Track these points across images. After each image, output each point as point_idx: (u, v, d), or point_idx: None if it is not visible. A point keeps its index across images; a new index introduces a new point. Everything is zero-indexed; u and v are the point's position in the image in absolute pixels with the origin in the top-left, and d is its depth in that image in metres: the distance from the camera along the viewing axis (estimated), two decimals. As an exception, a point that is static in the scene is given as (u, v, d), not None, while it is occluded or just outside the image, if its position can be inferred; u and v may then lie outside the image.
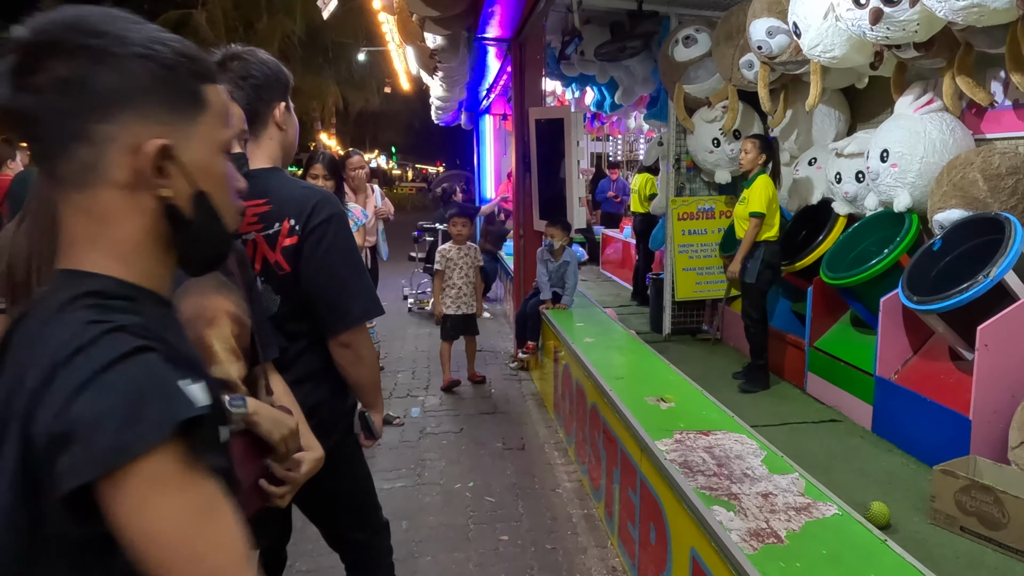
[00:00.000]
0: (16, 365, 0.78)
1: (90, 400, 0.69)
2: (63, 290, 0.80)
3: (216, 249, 0.92)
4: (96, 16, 0.79)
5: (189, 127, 0.84)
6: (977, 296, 3.32)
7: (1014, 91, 3.74)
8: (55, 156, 0.80)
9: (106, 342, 0.73)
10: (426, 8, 4.71)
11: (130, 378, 0.71)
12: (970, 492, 2.93)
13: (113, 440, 0.68)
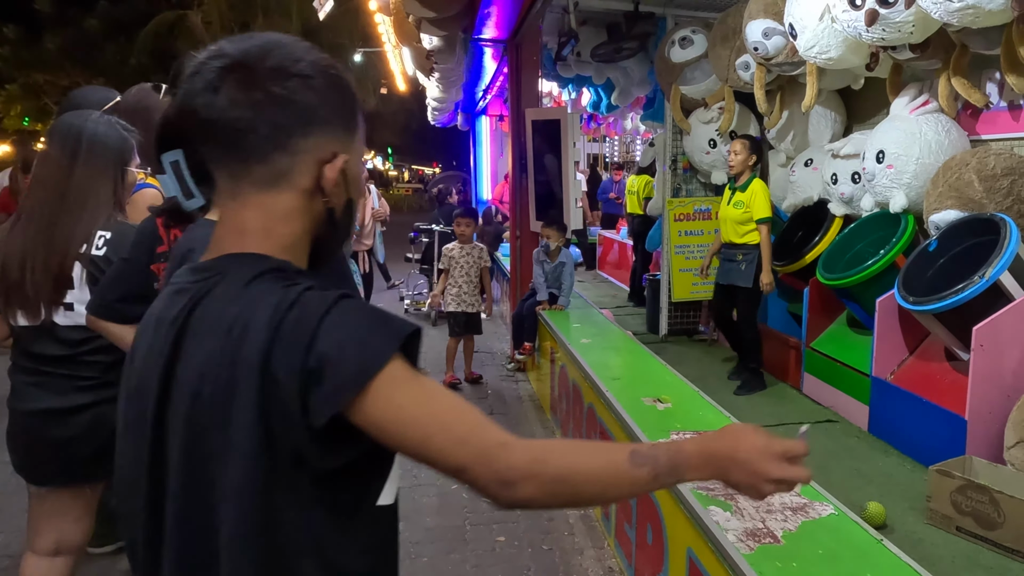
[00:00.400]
0: (213, 336, 0.86)
1: (327, 337, 0.82)
2: (245, 268, 0.90)
3: (341, 247, 1.06)
4: (294, 44, 0.93)
5: (352, 144, 0.97)
6: (973, 297, 3.32)
7: (1009, 92, 3.75)
8: (254, 162, 0.91)
9: (310, 296, 0.85)
10: (422, 9, 4.71)
11: (351, 314, 0.85)
12: (966, 492, 2.94)
13: (358, 363, 0.82)
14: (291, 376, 0.81)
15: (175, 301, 0.93)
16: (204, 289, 0.90)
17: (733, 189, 5.02)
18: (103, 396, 1.99)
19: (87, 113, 2.09)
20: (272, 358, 0.81)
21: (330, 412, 0.80)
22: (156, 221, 1.73)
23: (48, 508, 2.11)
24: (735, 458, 0.93)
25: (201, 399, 0.85)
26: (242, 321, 0.84)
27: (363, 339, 0.83)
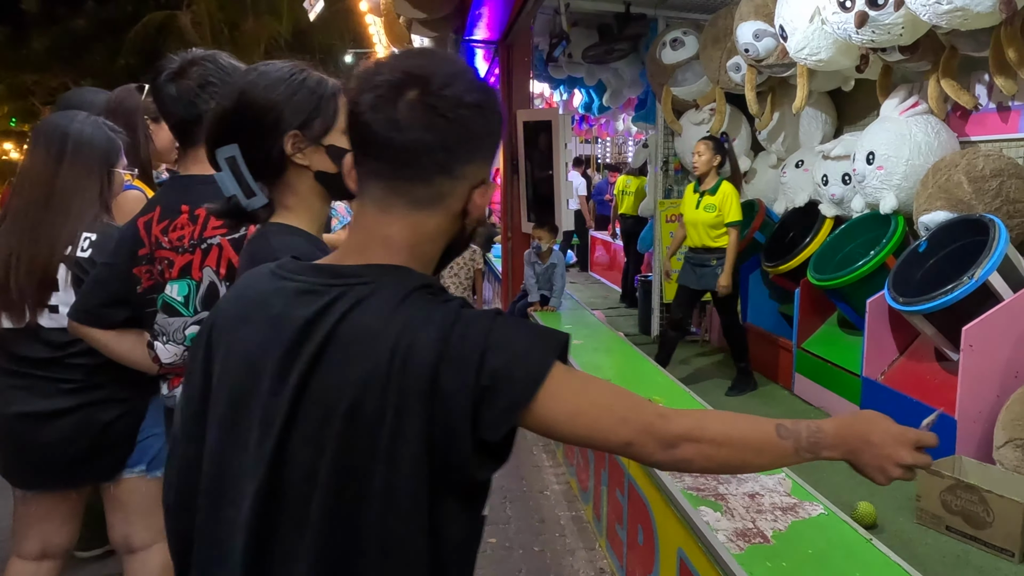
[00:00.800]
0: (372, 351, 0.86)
1: (496, 354, 0.85)
2: (398, 283, 0.91)
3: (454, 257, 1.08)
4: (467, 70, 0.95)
5: (487, 168, 0.98)
6: (962, 297, 3.34)
7: (998, 94, 3.78)
8: (419, 182, 0.92)
9: (470, 314, 0.89)
10: (413, 10, 4.71)
11: (511, 330, 0.89)
12: (955, 491, 2.95)
13: (528, 376, 0.86)
14: (463, 393, 0.84)
15: (303, 301, 0.91)
16: (353, 298, 0.89)
17: (700, 192, 4.92)
18: (89, 399, 1.98)
19: (73, 113, 2.07)
20: (440, 376, 0.84)
21: (508, 426, 0.85)
22: (137, 223, 1.70)
23: (33, 512, 2.09)
24: (869, 441, 1.00)
25: (361, 413, 0.85)
26: (407, 338, 0.85)
27: (528, 352, 0.88)
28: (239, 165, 1.29)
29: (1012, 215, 3.61)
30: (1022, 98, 3.73)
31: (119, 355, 1.79)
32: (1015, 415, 3.11)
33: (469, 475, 0.88)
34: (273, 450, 0.88)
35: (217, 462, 0.94)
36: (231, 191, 1.30)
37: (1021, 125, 3.78)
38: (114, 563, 2.36)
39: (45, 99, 20.19)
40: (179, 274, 1.64)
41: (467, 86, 0.92)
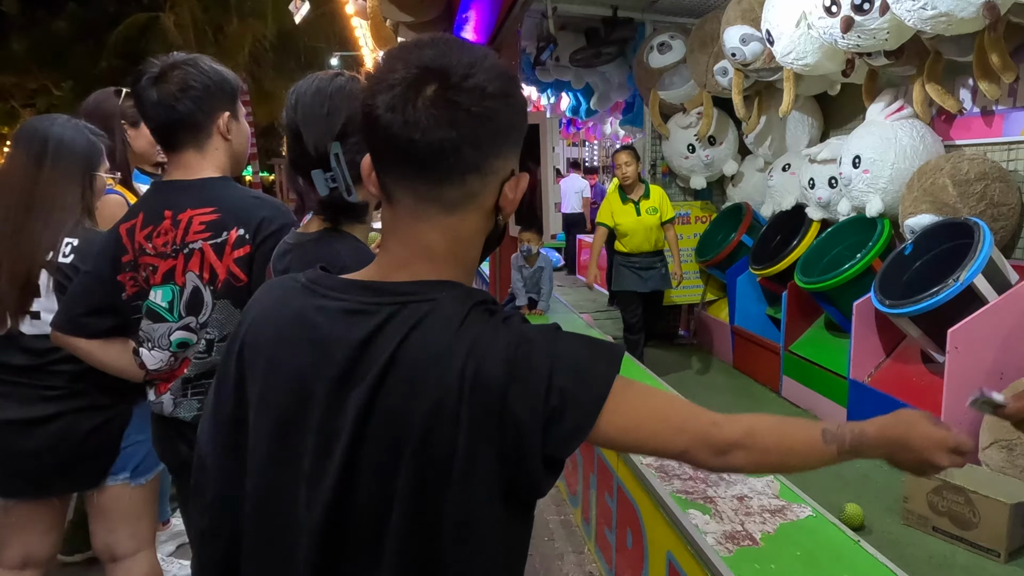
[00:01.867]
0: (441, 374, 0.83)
1: (561, 374, 0.84)
2: (456, 302, 0.87)
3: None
4: (488, 56, 0.87)
5: (515, 159, 0.93)
6: (947, 300, 3.36)
7: (982, 98, 3.81)
8: (448, 184, 0.87)
9: (530, 331, 0.87)
10: (400, 14, 4.69)
11: (572, 345, 0.88)
12: (942, 493, 2.97)
13: (593, 392, 0.86)
14: (534, 415, 0.83)
15: (353, 321, 0.87)
16: (412, 318, 0.86)
17: (634, 201, 5.22)
18: (70, 406, 1.95)
19: (53, 117, 2.05)
20: (509, 399, 0.82)
21: (578, 443, 0.86)
22: (120, 230, 1.68)
23: (15, 521, 2.05)
24: (908, 446, 1.05)
25: (434, 440, 0.82)
26: (474, 362, 0.83)
27: (591, 368, 0.87)
28: (342, 162, 1.30)
29: (996, 218, 3.64)
30: (1006, 102, 3.77)
31: (104, 364, 1.77)
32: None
33: (537, 491, 0.88)
34: (337, 480, 0.85)
35: (264, 495, 0.91)
36: (325, 188, 1.32)
37: (1005, 129, 3.81)
38: (97, 571, 2.32)
39: (25, 101, 19.97)
40: (163, 279, 1.62)
41: (489, 74, 0.85)
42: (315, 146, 1.35)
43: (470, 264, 0.94)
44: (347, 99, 1.37)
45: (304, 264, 1.39)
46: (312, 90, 1.38)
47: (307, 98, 1.37)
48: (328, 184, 1.31)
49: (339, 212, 1.38)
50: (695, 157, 6.03)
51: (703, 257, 6.11)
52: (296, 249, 1.44)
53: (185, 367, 1.66)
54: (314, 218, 1.45)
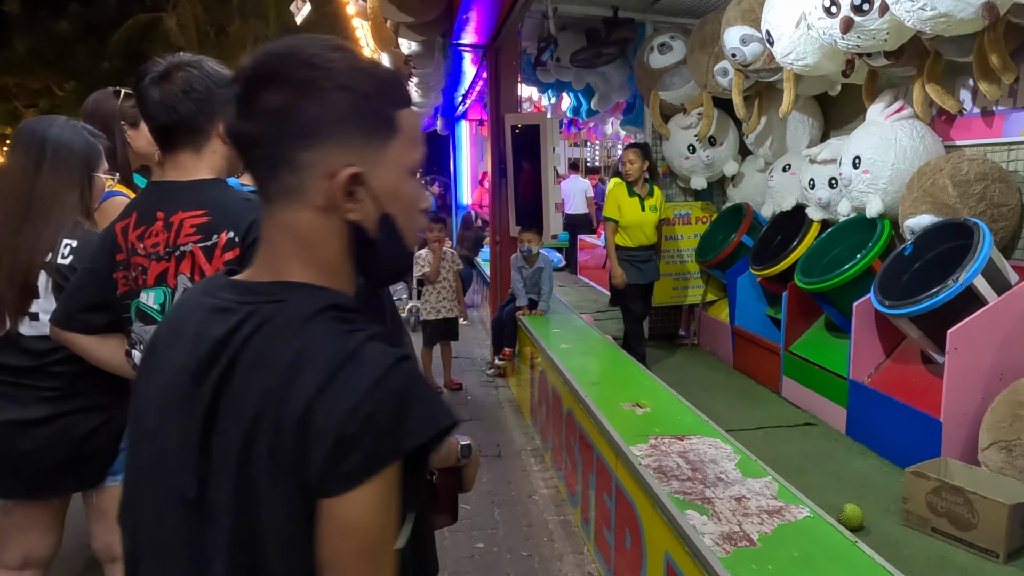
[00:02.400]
0: (270, 373, 0.82)
1: (377, 403, 0.78)
2: (305, 303, 0.86)
3: (397, 266, 0.97)
4: (306, 48, 0.86)
5: (381, 153, 0.89)
6: (947, 300, 3.36)
7: (982, 99, 3.81)
8: (267, 178, 0.88)
9: (373, 349, 0.82)
10: (400, 14, 4.70)
11: (405, 382, 0.82)
12: (941, 493, 2.97)
13: (390, 446, 0.79)
14: (327, 433, 0.78)
15: (218, 319, 0.88)
16: (261, 317, 0.86)
17: (640, 196, 5.39)
18: (69, 407, 1.96)
19: (52, 118, 2.06)
20: (315, 408, 0.79)
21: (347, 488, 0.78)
22: (115, 228, 1.69)
23: (14, 521, 2.06)
24: None
25: (255, 444, 0.81)
26: (295, 370, 0.81)
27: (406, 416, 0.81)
28: None
29: (996, 219, 3.63)
30: (1006, 103, 3.76)
31: (100, 360, 1.78)
32: (999, 417, 3.13)
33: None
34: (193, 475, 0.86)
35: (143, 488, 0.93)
36: None
37: (1005, 129, 3.81)
38: (97, 571, 2.33)
39: (28, 102, 19.99)
40: (155, 282, 1.63)
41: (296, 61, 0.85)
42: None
43: (332, 268, 0.91)
44: None
45: None
46: None
47: None
48: None
49: None
50: (695, 157, 6.03)
51: (704, 257, 6.11)
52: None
53: None
54: None
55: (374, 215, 0.89)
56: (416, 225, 0.97)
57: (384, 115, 0.89)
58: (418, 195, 0.96)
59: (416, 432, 0.81)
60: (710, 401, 4.78)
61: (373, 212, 0.89)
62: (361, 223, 0.89)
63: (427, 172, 30.76)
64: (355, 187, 0.87)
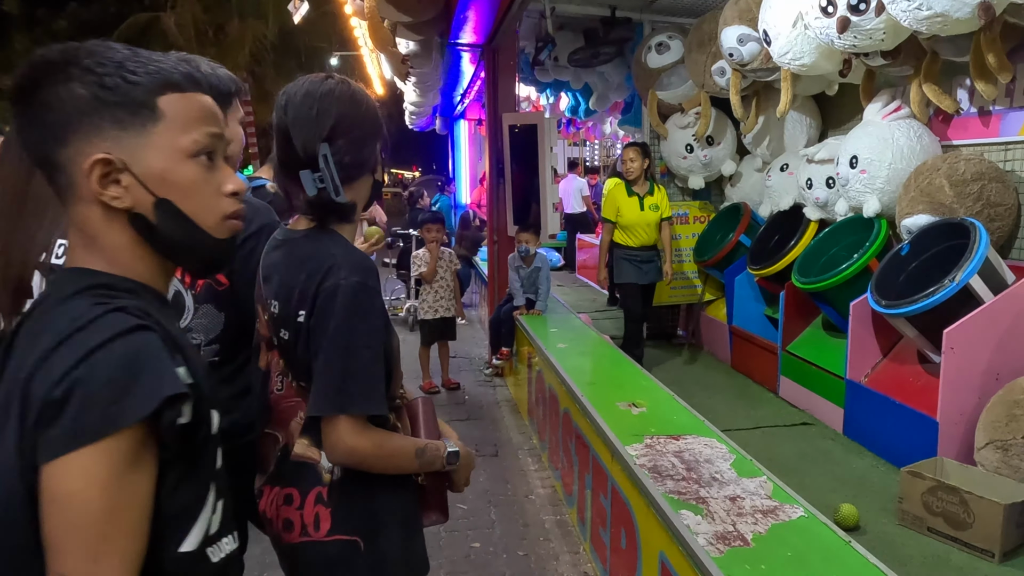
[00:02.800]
0: (20, 354, 0.84)
1: (88, 370, 0.77)
2: (68, 284, 0.88)
3: (200, 252, 0.97)
4: (54, 52, 0.87)
5: (142, 139, 0.89)
6: (943, 300, 3.36)
7: (979, 99, 3.81)
8: (50, 183, 0.90)
9: (109, 319, 0.81)
10: (397, 14, 4.69)
11: (128, 352, 0.80)
12: (937, 493, 2.97)
13: (100, 417, 0.76)
14: (37, 398, 0.78)
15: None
16: (38, 301, 0.90)
17: (639, 195, 5.37)
18: None
19: None
20: (34, 375, 0.79)
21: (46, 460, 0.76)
22: None
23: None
24: None
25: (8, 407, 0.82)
26: (41, 334, 0.83)
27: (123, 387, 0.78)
28: (330, 163, 1.34)
29: (993, 218, 3.64)
30: (1003, 102, 3.77)
31: None
32: (995, 417, 3.13)
33: None
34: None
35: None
36: (324, 184, 1.35)
37: (1002, 129, 3.81)
38: None
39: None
40: None
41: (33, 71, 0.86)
42: (303, 147, 1.36)
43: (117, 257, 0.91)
44: (336, 102, 1.38)
45: (294, 259, 1.41)
46: (302, 92, 1.39)
47: (296, 100, 1.38)
48: (316, 184, 1.34)
49: (328, 212, 1.40)
50: (693, 157, 6.03)
51: (701, 257, 6.11)
52: (285, 245, 1.45)
53: None
54: (300, 218, 1.45)
55: (149, 201, 0.90)
56: (216, 209, 0.96)
57: (137, 102, 0.88)
58: (205, 177, 0.95)
59: (134, 406, 0.78)
60: (707, 401, 4.78)
61: (146, 198, 0.90)
62: (135, 210, 0.90)
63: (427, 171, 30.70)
64: (110, 173, 0.87)
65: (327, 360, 1.32)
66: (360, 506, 1.40)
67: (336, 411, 1.31)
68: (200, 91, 0.95)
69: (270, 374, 1.50)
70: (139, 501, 0.81)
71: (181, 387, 0.81)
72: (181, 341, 0.91)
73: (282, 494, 1.42)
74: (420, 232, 6.11)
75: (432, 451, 1.45)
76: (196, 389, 0.86)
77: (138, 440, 0.79)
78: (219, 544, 0.93)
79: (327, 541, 1.38)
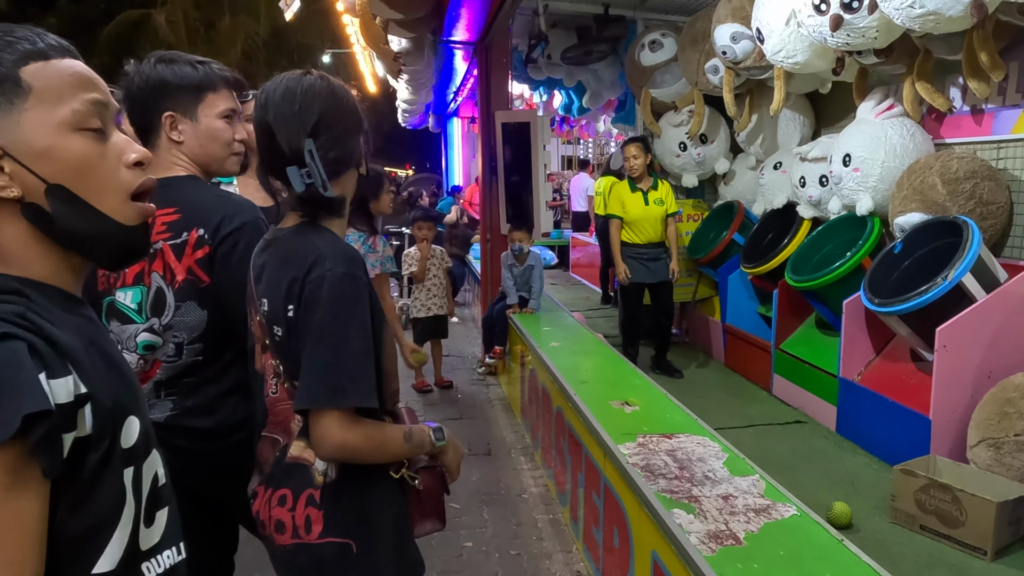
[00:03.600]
0: None
1: None
2: None
3: (106, 242, 0.87)
4: None
5: (12, 118, 0.80)
6: (936, 298, 3.36)
7: (972, 97, 3.81)
8: None
9: None
10: (389, 11, 4.67)
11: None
12: (929, 491, 2.96)
13: None
14: None
15: None
16: None
17: (643, 191, 5.26)
18: None
19: None
20: None
21: None
22: None
23: None
24: None
25: None
26: None
27: None
28: (316, 158, 1.33)
29: (985, 216, 3.64)
30: (995, 101, 3.76)
31: None
32: (988, 415, 3.13)
33: None
34: None
35: None
36: (312, 179, 1.33)
37: (994, 128, 3.81)
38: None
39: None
40: (133, 280, 1.61)
41: None
42: (288, 143, 1.34)
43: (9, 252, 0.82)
44: (317, 97, 1.37)
45: (281, 258, 1.39)
46: (281, 89, 1.38)
47: (276, 97, 1.37)
48: (304, 180, 1.32)
49: (317, 207, 1.39)
50: (687, 155, 6.03)
51: (695, 255, 6.10)
52: (273, 244, 1.44)
53: (156, 369, 1.64)
54: (290, 215, 1.44)
55: (40, 188, 0.81)
56: (117, 186, 0.87)
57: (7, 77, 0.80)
58: (97, 151, 0.85)
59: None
60: (701, 399, 4.77)
61: (36, 185, 0.81)
62: (25, 199, 0.81)
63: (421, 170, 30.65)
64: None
65: (314, 352, 1.29)
66: (352, 509, 1.38)
67: (324, 404, 1.28)
68: (71, 56, 0.86)
69: (265, 377, 1.48)
70: (23, 524, 0.72)
71: (44, 404, 0.71)
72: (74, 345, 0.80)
73: (276, 495, 1.41)
74: (412, 230, 6.09)
75: (419, 433, 1.46)
76: (92, 400, 0.78)
77: (9, 461, 0.70)
78: (158, 558, 0.88)
79: (318, 543, 1.36)
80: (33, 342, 0.74)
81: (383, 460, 1.41)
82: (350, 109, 1.42)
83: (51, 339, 0.77)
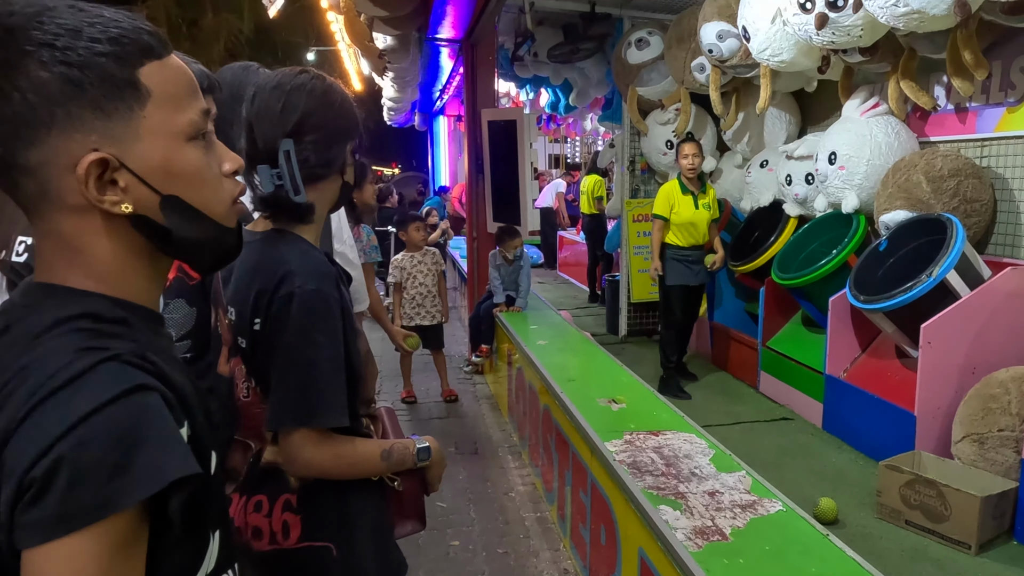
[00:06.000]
0: None
1: (77, 443, 0.63)
2: (47, 309, 0.72)
3: (214, 246, 0.83)
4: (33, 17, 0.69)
5: (130, 125, 0.72)
6: (921, 295, 3.38)
7: (956, 95, 3.83)
8: (10, 190, 0.73)
9: (102, 374, 0.67)
10: (374, 8, 4.64)
11: (126, 421, 0.65)
12: (914, 486, 2.98)
13: (93, 498, 0.63)
14: (13, 473, 0.63)
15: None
16: (8, 321, 0.74)
17: (693, 194, 4.96)
18: None
19: None
20: (10, 442, 0.65)
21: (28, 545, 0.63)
22: None
23: None
24: None
25: None
26: (16, 384, 0.67)
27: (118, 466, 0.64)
28: (292, 161, 1.27)
29: (969, 214, 3.66)
30: (979, 99, 3.79)
31: None
32: (972, 411, 3.15)
33: None
34: None
35: None
36: (270, 185, 1.28)
37: (978, 126, 3.83)
38: None
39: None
40: None
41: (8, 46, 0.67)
42: (263, 141, 1.29)
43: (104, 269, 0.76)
44: (306, 96, 1.32)
45: (250, 268, 1.34)
46: (272, 84, 1.33)
47: (265, 92, 1.32)
48: (273, 181, 1.27)
49: (281, 211, 1.32)
50: (673, 153, 6.03)
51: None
52: (244, 248, 1.39)
53: None
54: (259, 219, 1.40)
55: (154, 200, 0.75)
56: (224, 195, 0.83)
57: (117, 78, 0.71)
58: (206, 161, 0.80)
59: (132, 486, 0.64)
60: (692, 399, 4.79)
61: (150, 198, 0.75)
62: (140, 212, 0.74)
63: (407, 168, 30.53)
64: (108, 174, 0.72)
65: (283, 372, 1.26)
66: (331, 512, 1.35)
67: (294, 424, 1.25)
68: (172, 52, 0.78)
69: (235, 380, 1.45)
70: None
71: (192, 467, 0.68)
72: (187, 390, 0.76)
73: (251, 502, 1.38)
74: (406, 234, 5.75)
75: (400, 450, 1.41)
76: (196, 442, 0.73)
77: (134, 520, 0.66)
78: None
79: (297, 549, 1.34)
80: (165, 394, 0.70)
81: (358, 477, 1.38)
82: (342, 113, 1.35)
83: (172, 385, 0.72)
